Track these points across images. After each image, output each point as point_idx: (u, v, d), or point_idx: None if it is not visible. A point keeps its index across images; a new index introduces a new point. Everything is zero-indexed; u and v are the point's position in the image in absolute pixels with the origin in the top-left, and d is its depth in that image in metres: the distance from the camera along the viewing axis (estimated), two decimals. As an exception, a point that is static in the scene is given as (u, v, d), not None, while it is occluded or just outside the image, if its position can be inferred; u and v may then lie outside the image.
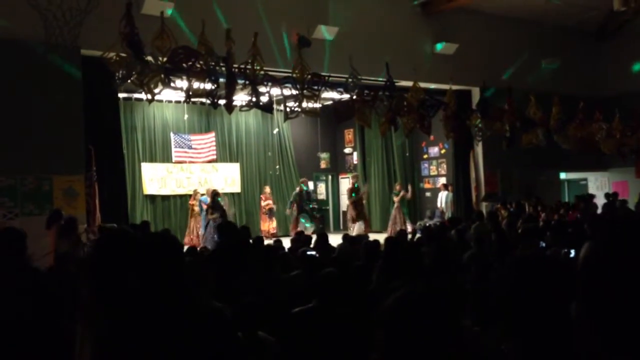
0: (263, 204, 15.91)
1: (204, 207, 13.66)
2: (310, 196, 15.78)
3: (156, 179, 15.15)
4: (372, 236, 11.06)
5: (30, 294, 3.10)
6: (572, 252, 5.55)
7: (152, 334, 2.14)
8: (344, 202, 17.42)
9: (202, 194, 14.31)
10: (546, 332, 1.54)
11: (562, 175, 17.98)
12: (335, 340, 3.48)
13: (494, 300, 2.88)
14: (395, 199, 15.57)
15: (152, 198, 15.10)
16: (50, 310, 3.02)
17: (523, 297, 1.59)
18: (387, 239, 6.44)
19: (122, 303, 2.15)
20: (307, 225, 14.50)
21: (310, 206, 15.34)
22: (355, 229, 14.20)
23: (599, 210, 13.16)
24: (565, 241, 6.59)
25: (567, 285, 1.46)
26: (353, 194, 14.68)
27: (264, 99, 8.89)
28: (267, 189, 16.09)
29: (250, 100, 8.81)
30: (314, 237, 8.92)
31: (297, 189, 15.45)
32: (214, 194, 13.18)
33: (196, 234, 14.09)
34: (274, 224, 15.89)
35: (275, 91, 9.27)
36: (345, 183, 17.88)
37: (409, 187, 15.86)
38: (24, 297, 3.07)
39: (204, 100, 9.16)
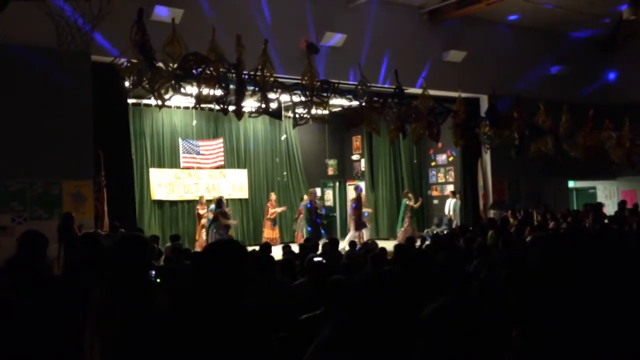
0: (271, 210, 15.81)
1: (211, 215, 13.69)
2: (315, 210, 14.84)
3: (164, 184, 15.19)
4: (380, 243, 11.01)
5: (47, 298, 3.12)
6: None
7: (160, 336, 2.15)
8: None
9: (210, 200, 14.24)
10: None
11: (571, 184, 17.89)
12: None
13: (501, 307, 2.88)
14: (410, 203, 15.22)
15: (160, 203, 15.12)
16: (62, 313, 3.03)
17: None
18: (396, 246, 6.44)
19: (136, 308, 2.16)
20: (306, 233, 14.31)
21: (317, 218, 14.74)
22: (347, 238, 13.78)
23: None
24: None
25: None
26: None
27: (273, 105, 8.92)
28: (273, 196, 15.94)
29: (260, 107, 8.83)
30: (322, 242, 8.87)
31: (305, 200, 15.05)
32: (219, 200, 13.32)
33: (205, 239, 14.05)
34: (277, 232, 15.78)
35: (285, 98, 9.30)
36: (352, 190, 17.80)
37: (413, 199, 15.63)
38: (40, 301, 3.09)
39: (212, 106, 9.19)
